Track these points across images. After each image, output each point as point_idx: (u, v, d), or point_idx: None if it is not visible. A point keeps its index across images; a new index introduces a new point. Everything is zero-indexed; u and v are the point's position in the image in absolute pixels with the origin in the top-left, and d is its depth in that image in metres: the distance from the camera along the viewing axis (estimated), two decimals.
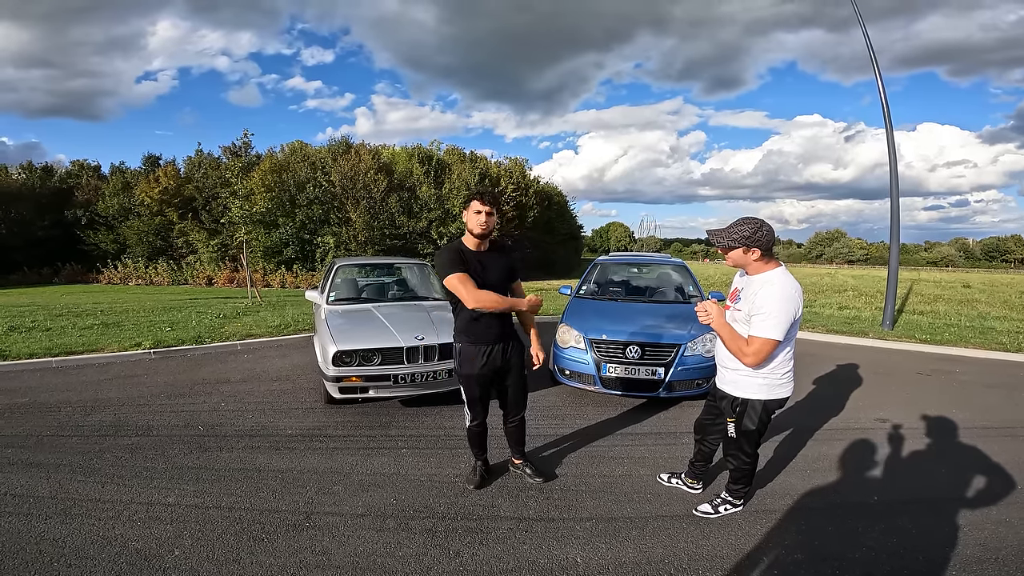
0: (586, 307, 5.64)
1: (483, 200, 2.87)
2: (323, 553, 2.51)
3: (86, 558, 2.44)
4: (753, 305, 2.50)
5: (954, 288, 18.61)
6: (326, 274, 6.20)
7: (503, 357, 3.00)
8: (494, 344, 2.97)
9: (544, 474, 3.30)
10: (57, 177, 24.96)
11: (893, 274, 8.89)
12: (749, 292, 2.57)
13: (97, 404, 4.66)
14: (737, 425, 2.73)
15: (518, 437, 3.29)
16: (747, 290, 2.60)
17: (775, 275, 2.51)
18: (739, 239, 2.52)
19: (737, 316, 2.64)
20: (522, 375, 3.14)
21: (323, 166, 19.70)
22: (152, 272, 19.58)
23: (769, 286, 2.48)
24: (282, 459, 3.56)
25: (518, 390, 3.14)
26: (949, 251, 78.05)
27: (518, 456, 3.36)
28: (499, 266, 2.96)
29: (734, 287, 2.76)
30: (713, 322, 2.59)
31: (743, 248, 2.53)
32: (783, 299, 2.44)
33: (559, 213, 29.35)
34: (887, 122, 8.70)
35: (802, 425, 4.36)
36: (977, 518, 2.89)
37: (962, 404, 4.92)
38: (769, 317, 2.43)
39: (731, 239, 2.54)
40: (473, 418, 3.14)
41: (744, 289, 2.64)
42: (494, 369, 3.00)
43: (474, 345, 2.94)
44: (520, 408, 3.19)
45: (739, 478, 2.88)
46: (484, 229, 2.87)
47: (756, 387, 2.63)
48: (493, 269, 2.92)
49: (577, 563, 2.47)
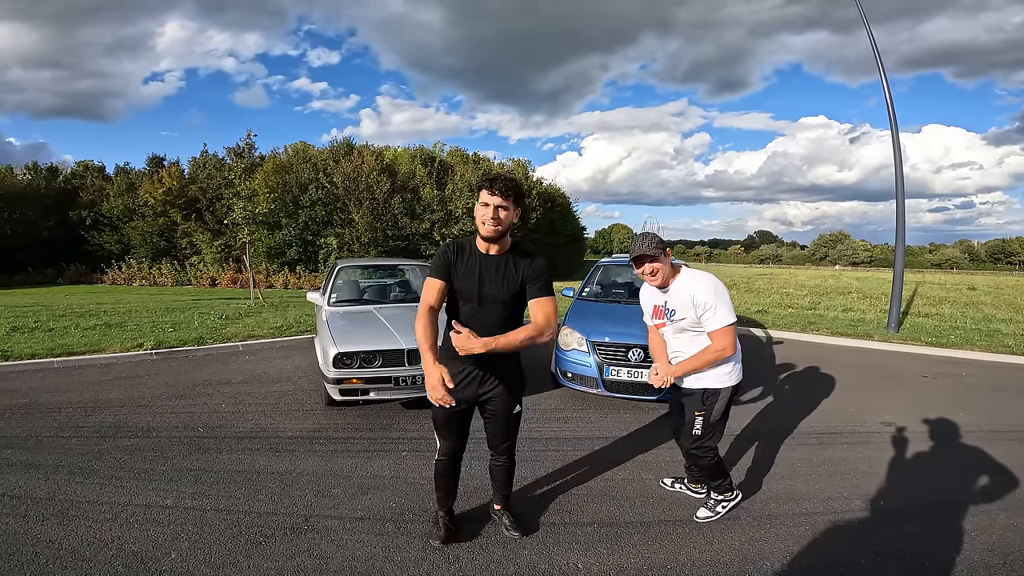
0: (588, 309, 5.61)
1: (493, 188, 2.18)
2: (321, 557, 2.48)
3: (82, 560, 2.42)
4: (696, 307, 2.57)
5: (959, 290, 18.49)
6: (328, 275, 6.19)
7: (477, 387, 2.39)
8: (471, 368, 2.36)
9: (523, 527, 2.71)
10: (62, 178, 25.03)
11: (898, 276, 8.82)
12: (679, 300, 2.63)
13: (97, 405, 4.66)
14: (706, 418, 2.72)
15: (501, 480, 2.70)
16: (673, 300, 2.66)
17: (691, 274, 2.68)
18: (660, 246, 2.60)
19: (683, 325, 2.65)
20: (508, 413, 2.48)
21: (325, 167, 19.72)
22: (156, 273, 19.60)
23: (696, 283, 2.60)
24: (281, 461, 3.54)
25: (499, 427, 2.52)
26: (954, 253, 77.65)
27: (498, 501, 2.79)
28: (502, 278, 2.31)
29: (653, 306, 2.80)
30: (676, 372, 2.66)
31: (664, 255, 2.62)
32: (715, 287, 2.58)
33: (562, 215, 29.28)
34: (892, 124, 8.64)
35: (807, 429, 4.31)
36: (985, 522, 2.85)
37: (968, 407, 4.87)
38: (718, 307, 2.54)
39: (656, 249, 2.58)
40: (440, 449, 2.56)
41: (669, 301, 2.68)
42: (466, 398, 2.39)
43: (449, 360, 2.30)
44: (502, 449, 2.59)
45: (714, 474, 2.86)
46: (493, 229, 2.22)
47: (723, 375, 2.68)
48: (493, 281, 2.30)
49: (578, 569, 2.44)
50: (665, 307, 2.69)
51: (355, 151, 20.88)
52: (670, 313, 2.67)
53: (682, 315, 2.62)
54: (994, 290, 18.75)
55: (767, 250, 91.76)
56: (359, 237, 18.82)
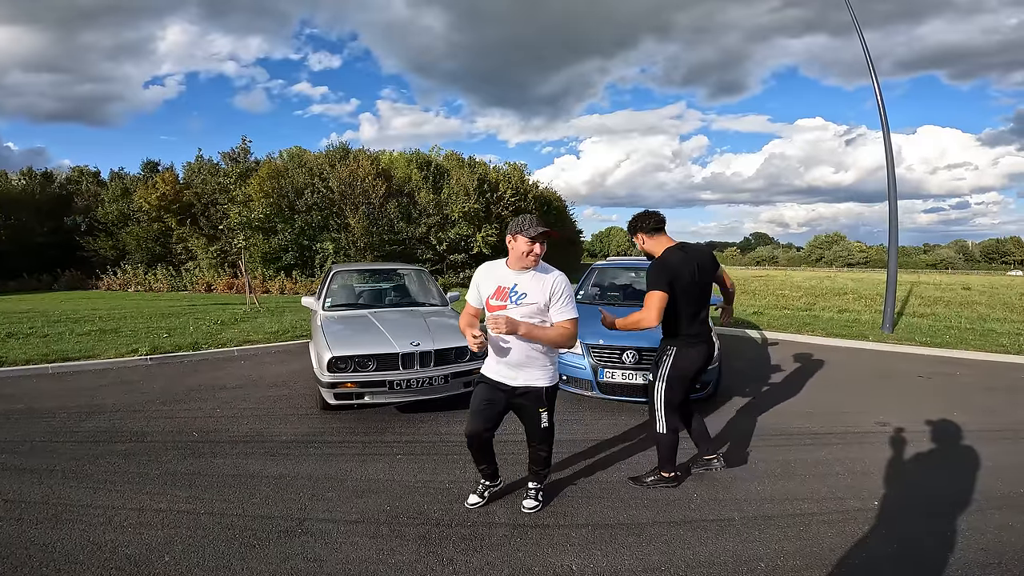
0: (584, 312, 5.60)
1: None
2: (315, 560, 2.48)
3: (76, 563, 2.41)
4: (552, 294, 2.60)
5: (954, 290, 18.57)
6: (323, 280, 6.19)
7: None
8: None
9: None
10: (57, 183, 24.93)
11: (892, 277, 8.86)
12: (532, 285, 2.62)
13: (92, 410, 4.64)
14: (551, 413, 2.82)
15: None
16: (526, 284, 2.63)
17: (545, 265, 2.72)
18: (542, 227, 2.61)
19: (530, 310, 2.62)
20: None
21: (321, 172, 19.73)
22: (151, 278, 19.51)
23: (553, 273, 2.68)
24: (276, 465, 3.53)
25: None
26: (948, 253, 78.08)
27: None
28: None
29: (497, 286, 2.69)
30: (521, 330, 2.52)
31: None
32: (567, 281, 2.68)
33: (558, 218, 29.37)
34: (884, 126, 8.70)
35: (801, 429, 4.32)
36: (979, 522, 2.86)
37: (963, 407, 4.89)
38: (570, 300, 2.63)
39: (542, 229, 2.60)
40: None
41: (520, 284, 2.65)
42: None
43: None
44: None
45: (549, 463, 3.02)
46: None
47: (553, 373, 2.80)
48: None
49: (572, 570, 2.44)
50: (513, 289, 2.64)
51: (351, 155, 20.91)
52: (518, 296, 2.63)
53: (533, 300, 2.60)
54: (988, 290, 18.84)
55: (763, 252, 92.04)
56: (355, 242, 18.82)
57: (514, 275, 2.67)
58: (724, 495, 3.18)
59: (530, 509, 2.94)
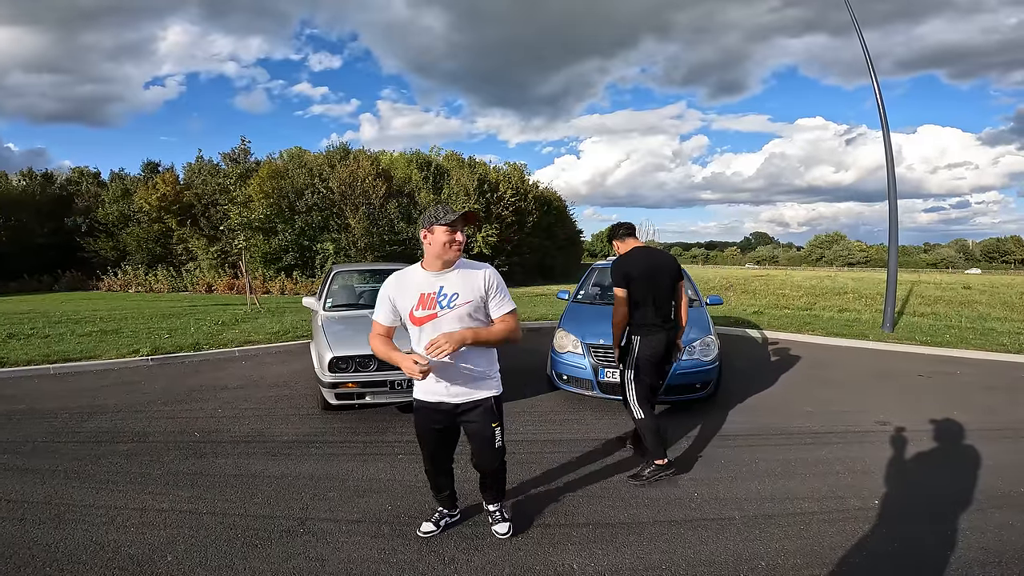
0: (584, 312, 5.63)
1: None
2: (317, 559, 2.49)
3: (79, 563, 2.42)
4: (486, 290, 2.36)
5: (954, 290, 18.59)
6: (324, 281, 6.19)
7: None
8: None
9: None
10: (57, 184, 24.95)
11: (892, 276, 8.87)
12: (460, 285, 2.34)
13: (94, 410, 4.65)
14: (501, 427, 2.53)
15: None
16: (453, 285, 2.34)
17: (468, 261, 2.45)
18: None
19: (466, 310, 2.34)
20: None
21: (321, 172, 19.74)
22: (152, 279, 19.52)
23: (481, 267, 2.41)
24: (277, 465, 3.54)
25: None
26: (949, 252, 78.09)
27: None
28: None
29: (419, 295, 2.35)
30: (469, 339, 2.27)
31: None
32: (496, 272, 2.44)
33: (558, 218, 29.36)
34: (884, 126, 8.71)
35: (802, 428, 4.33)
36: (979, 521, 2.86)
37: (963, 406, 4.89)
38: (505, 292, 2.42)
39: (458, 213, 2.34)
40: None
41: (446, 286, 2.34)
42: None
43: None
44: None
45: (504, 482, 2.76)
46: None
47: (498, 381, 2.53)
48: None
49: (573, 569, 2.45)
50: (440, 293, 2.33)
51: (351, 156, 20.92)
52: (448, 299, 2.33)
53: (466, 299, 2.33)
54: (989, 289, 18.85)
55: (763, 252, 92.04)
56: (355, 242, 18.83)
57: (436, 277, 2.35)
58: (725, 494, 3.19)
59: (505, 534, 2.69)
